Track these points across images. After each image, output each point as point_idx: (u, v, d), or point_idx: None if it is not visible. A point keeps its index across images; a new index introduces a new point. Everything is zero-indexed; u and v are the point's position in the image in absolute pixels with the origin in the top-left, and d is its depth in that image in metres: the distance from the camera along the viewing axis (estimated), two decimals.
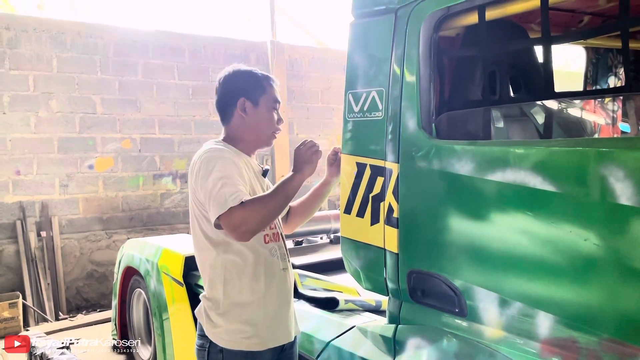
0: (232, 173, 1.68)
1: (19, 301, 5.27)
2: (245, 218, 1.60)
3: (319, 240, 3.94)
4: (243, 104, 1.83)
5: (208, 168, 1.68)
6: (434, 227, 1.60)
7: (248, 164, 1.83)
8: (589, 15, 2.07)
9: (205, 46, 6.91)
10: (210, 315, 1.77)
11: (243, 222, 1.60)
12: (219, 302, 1.75)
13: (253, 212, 1.61)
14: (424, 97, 1.63)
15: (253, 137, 1.87)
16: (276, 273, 1.80)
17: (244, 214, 1.60)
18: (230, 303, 1.74)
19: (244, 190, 1.66)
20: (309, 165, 1.79)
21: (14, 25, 5.77)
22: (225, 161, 1.70)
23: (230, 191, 1.62)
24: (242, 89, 1.84)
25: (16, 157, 5.79)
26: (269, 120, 1.87)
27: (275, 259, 1.81)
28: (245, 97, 1.83)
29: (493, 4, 1.55)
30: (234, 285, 1.74)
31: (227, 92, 1.87)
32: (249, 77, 1.87)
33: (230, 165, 1.70)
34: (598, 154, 1.25)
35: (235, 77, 1.87)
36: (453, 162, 1.51)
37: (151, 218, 6.58)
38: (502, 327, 1.44)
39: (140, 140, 6.49)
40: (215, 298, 1.76)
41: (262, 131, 1.87)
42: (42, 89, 5.90)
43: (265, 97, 1.86)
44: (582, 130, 2.03)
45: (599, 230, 1.24)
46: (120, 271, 4.03)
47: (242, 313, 1.74)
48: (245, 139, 1.86)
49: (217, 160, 1.69)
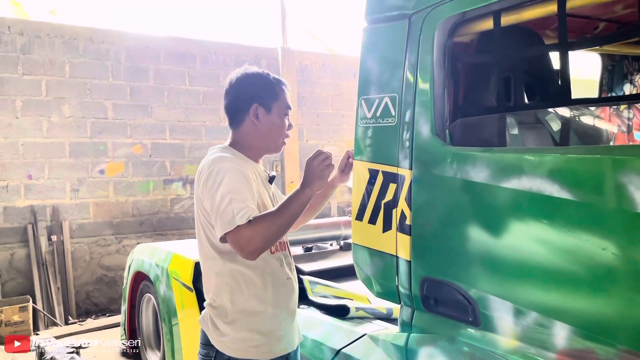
0: (241, 186, 1.64)
1: (29, 305, 5.29)
2: (252, 237, 1.57)
3: (329, 246, 3.93)
4: (256, 110, 1.78)
5: (216, 180, 1.64)
6: (448, 234, 1.59)
7: (255, 171, 1.79)
8: (605, 22, 2.04)
9: (216, 52, 6.94)
10: (217, 324, 1.73)
11: (250, 241, 1.57)
12: (226, 310, 1.72)
13: (260, 231, 1.57)
14: (437, 103, 1.62)
15: (262, 144, 1.83)
16: (283, 282, 1.78)
17: (251, 233, 1.56)
18: (237, 311, 1.71)
19: (252, 206, 1.62)
20: (320, 181, 1.72)
21: (28, 30, 5.83)
22: (234, 173, 1.65)
23: (238, 207, 1.58)
24: (255, 94, 1.79)
25: (28, 162, 5.83)
26: (281, 127, 1.83)
27: (282, 268, 1.79)
28: (258, 103, 1.78)
29: (508, 10, 1.54)
30: (241, 294, 1.71)
31: (239, 96, 1.81)
32: (262, 82, 1.82)
33: (239, 177, 1.66)
34: (614, 162, 1.23)
35: (247, 81, 1.82)
36: (467, 169, 1.50)
37: (161, 223, 6.59)
38: (516, 337, 1.42)
39: (150, 146, 6.52)
40: (222, 306, 1.72)
41: (272, 138, 1.83)
42: (55, 94, 5.95)
43: (278, 104, 1.81)
44: (598, 137, 2.01)
45: (616, 239, 1.21)
46: (130, 276, 4.03)
47: (250, 321, 1.71)
48: (254, 145, 1.82)
49: (226, 172, 1.65)
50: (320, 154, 1.74)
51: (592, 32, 2.11)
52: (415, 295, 1.68)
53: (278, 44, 7.61)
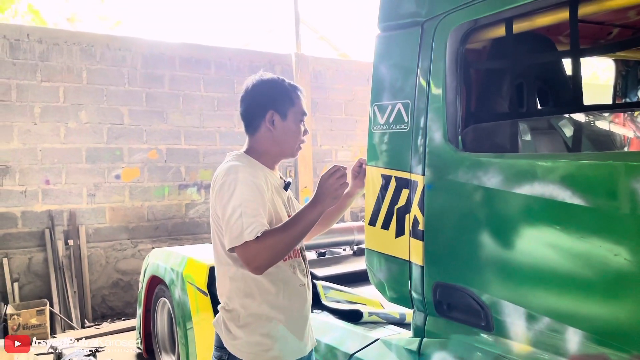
0: (252, 199, 1.65)
1: (47, 308, 5.36)
2: (259, 253, 1.60)
3: (342, 252, 3.94)
4: (272, 117, 1.79)
5: (228, 191, 1.65)
6: (460, 239, 1.59)
7: (269, 179, 1.78)
8: (619, 28, 2.04)
9: (231, 58, 7.00)
10: (230, 327, 1.75)
11: (256, 257, 1.60)
12: (239, 314, 1.73)
13: (267, 248, 1.60)
14: (450, 110, 1.63)
15: (278, 150, 1.84)
16: (296, 289, 1.79)
17: (258, 249, 1.59)
18: (250, 315, 1.72)
19: (261, 220, 1.63)
20: (333, 200, 1.72)
21: (46, 38, 5.92)
22: (246, 185, 1.66)
23: (248, 222, 1.60)
24: (271, 100, 1.80)
25: (46, 167, 5.92)
26: (296, 133, 1.84)
27: (295, 275, 1.79)
28: (274, 109, 1.79)
29: (520, 17, 1.55)
30: (254, 299, 1.72)
31: (254, 102, 1.82)
32: (278, 88, 1.82)
33: (251, 189, 1.66)
34: (628, 168, 1.23)
35: (263, 87, 1.82)
36: (479, 174, 1.51)
37: (176, 228, 6.65)
38: (529, 342, 1.42)
39: (166, 151, 6.58)
40: (235, 310, 1.74)
41: (288, 144, 1.84)
42: (72, 100, 6.04)
43: (294, 110, 1.82)
44: (612, 143, 2.00)
45: (629, 244, 1.21)
46: (145, 280, 4.07)
47: (262, 326, 1.73)
48: (270, 152, 1.83)
49: (238, 183, 1.65)
50: (336, 171, 1.72)
51: (606, 38, 2.10)
52: (428, 300, 1.69)
53: (292, 50, 7.65)
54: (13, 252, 5.74)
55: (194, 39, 7.18)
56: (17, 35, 5.79)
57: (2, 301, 5.55)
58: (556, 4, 1.46)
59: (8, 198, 5.75)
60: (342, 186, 1.72)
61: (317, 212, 1.70)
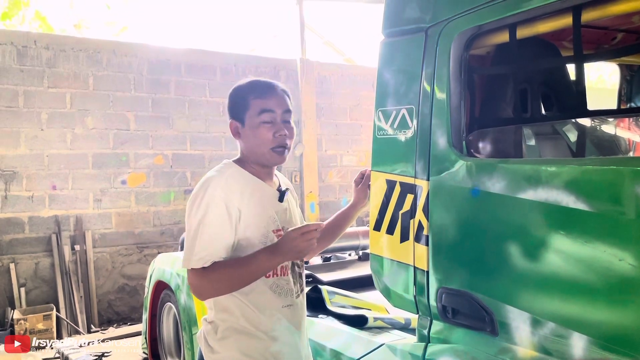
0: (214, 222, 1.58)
1: (53, 313, 5.39)
2: (201, 284, 1.59)
3: (348, 256, 3.94)
4: (234, 127, 1.74)
5: (194, 207, 1.61)
6: (465, 245, 1.60)
7: (252, 190, 1.69)
8: (623, 32, 2.04)
9: (236, 64, 7.03)
10: (209, 340, 1.68)
11: (199, 286, 1.59)
12: (217, 327, 1.67)
13: (210, 281, 1.58)
14: (454, 115, 1.63)
15: (254, 158, 1.74)
16: (276, 310, 1.69)
17: (201, 279, 1.58)
18: (228, 328, 1.66)
19: (214, 249, 1.58)
20: (296, 255, 1.61)
21: (53, 45, 5.97)
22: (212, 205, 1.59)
23: (200, 248, 1.57)
24: (231, 110, 1.75)
25: (53, 173, 5.95)
26: (260, 137, 1.69)
27: (276, 296, 1.69)
28: (233, 118, 1.74)
29: (523, 23, 1.55)
30: (231, 313, 1.66)
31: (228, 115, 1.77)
32: (235, 96, 1.75)
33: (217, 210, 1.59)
34: (632, 173, 1.23)
35: (228, 99, 1.77)
36: (484, 180, 1.51)
37: (182, 233, 6.66)
38: (534, 347, 1.42)
39: (172, 156, 6.61)
40: (214, 323, 1.69)
41: (257, 151, 1.71)
42: (79, 106, 6.08)
43: (249, 113, 1.69)
44: (616, 148, 2.00)
45: (634, 250, 1.21)
46: (151, 285, 4.08)
47: (241, 342, 1.65)
48: (250, 160, 1.75)
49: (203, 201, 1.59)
50: (306, 232, 1.58)
51: (610, 43, 2.11)
52: (433, 305, 1.69)
53: (297, 55, 7.68)
54: (20, 257, 5.78)
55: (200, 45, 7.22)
56: (25, 42, 5.84)
57: (9, 306, 5.58)
58: (559, 10, 1.46)
59: (15, 203, 5.78)
60: (309, 247, 1.59)
61: (274, 263, 1.63)
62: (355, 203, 2.06)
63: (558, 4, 1.41)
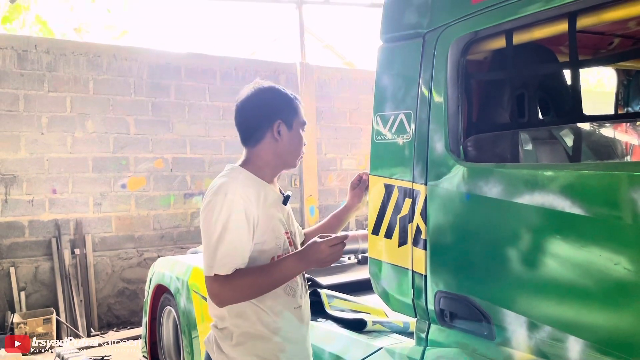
0: (235, 227, 1.58)
1: (53, 317, 5.39)
2: (224, 291, 1.57)
3: (347, 260, 3.94)
4: (278, 127, 1.72)
5: (213, 214, 1.59)
6: (462, 249, 1.61)
7: (266, 195, 1.71)
8: (619, 38, 2.06)
9: (236, 68, 7.05)
10: (222, 347, 1.69)
11: (221, 293, 1.58)
12: (231, 333, 1.67)
13: (234, 288, 1.57)
14: (451, 120, 1.65)
15: (281, 161, 1.76)
16: (290, 310, 1.72)
17: (225, 286, 1.57)
18: (243, 334, 1.66)
19: (238, 256, 1.59)
20: (321, 265, 1.63)
21: (53, 49, 5.99)
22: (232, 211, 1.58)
23: (222, 255, 1.56)
24: (277, 110, 1.73)
25: (53, 176, 5.96)
26: (300, 144, 1.78)
27: (288, 297, 1.72)
28: (281, 119, 1.72)
29: (520, 29, 1.57)
30: (247, 319, 1.66)
31: (258, 113, 1.73)
32: (282, 98, 1.76)
33: (236, 216, 1.58)
34: (628, 178, 1.24)
35: (265, 97, 1.74)
36: (481, 184, 1.52)
37: (181, 236, 6.68)
38: (531, 351, 1.43)
39: (171, 160, 6.63)
40: (227, 329, 1.68)
41: (292, 155, 1.77)
42: (79, 110, 6.10)
43: (298, 120, 1.76)
44: (613, 153, 2.01)
45: (630, 254, 1.22)
46: (151, 289, 4.09)
47: (257, 346, 1.67)
48: (271, 164, 1.75)
49: (224, 208, 1.58)
50: (338, 240, 1.62)
51: (607, 48, 2.12)
52: (431, 309, 1.70)
53: (297, 59, 7.71)
54: (20, 261, 5.78)
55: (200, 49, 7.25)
56: (25, 46, 5.86)
57: (9, 310, 5.58)
58: (555, 16, 1.47)
59: (15, 207, 5.79)
60: (336, 257, 1.63)
61: (299, 270, 1.65)
62: (349, 206, 2.07)
63: (554, 10, 1.43)
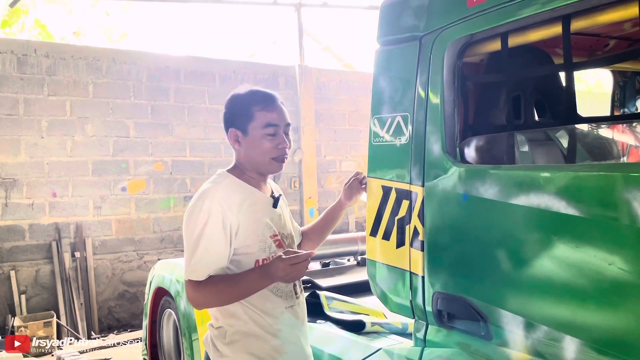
0: (212, 234, 1.63)
1: (53, 320, 5.39)
2: (195, 296, 1.66)
3: (346, 262, 3.95)
4: (234, 135, 1.76)
5: (192, 220, 1.66)
6: (459, 250, 1.62)
7: (252, 199, 1.74)
8: (615, 39, 2.07)
9: (235, 71, 7.06)
10: (217, 345, 1.74)
11: (195, 297, 1.67)
12: (225, 332, 1.72)
13: (203, 295, 1.66)
14: (448, 122, 1.66)
15: (253, 166, 1.78)
16: (280, 310, 1.75)
17: (195, 292, 1.66)
18: (236, 332, 1.71)
19: (211, 263, 1.64)
20: (285, 280, 1.65)
21: (53, 53, 6.01)
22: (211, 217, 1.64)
23: (196, 261, 1.64)
24: (231, 119, 1.78)
25: (53, 180, 5.98)
26: (262, 147, 1.74)
27: (277, 298, 1.74)
28: (234, 127, 1.76)
29: (515, 31, 1.58)
30: (239, 318, 1.71)
31: (224, 122, 1.81)
32: (237, 105, 1.78)
33: (215, 222, 1.63)
34: (624, 179, 1.25)
35: (227, 107, 1.81)
36: (477, 186, 1.53)
37: (181, 239, 6.64)
38: (528, 351, 1.44)
39: (171, 163, 6.64)
40: (221, 327, 1.74)
41: (257, 160, 1.76)
42: (78, 114, 6.11)
43: (254, 125, 1.73)
44: (609, 154, 2.03)
45: (625, 254, 1.23)
46: (151, 292, 4.09)
47: (250, 344, 1.70)
48: (247, 168, 1.79)
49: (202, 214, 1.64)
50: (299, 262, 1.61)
51: (603, 49, 2.13)
52: (428, 309, 1.71)
53: (295, 61, 7.72)
54: (20, 265, 5.79)
55: (199, 52, 7.27)
56: (25, 50, 5.87)
57: (10, 313, 5.59)
58: (550, 19, 1.49)
59: (15, 211, 5.80)
60: (299, 275, 1.63)
61: (263, 284, 1.68)
62: (341, 203, 2.10)
63: (548, 13, 1.44)
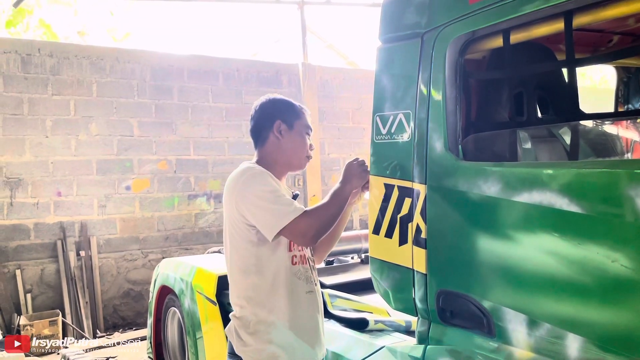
0: (279, 189, 1.78)
1: (59, 319, 5.42)
2: (311, 224, 1.74)
3: (350, 260, 3.95)
4: (279, 126, 1.91)
5: (255, 183, 1.76)
6: (462, 247, 1.61)
7: (282, 190, 1.86)
8: (619, 35, 2.06)
9: (239, 69, 7.06)
10: (240, 334, 1.81)
11: (310, 228, 1.73)
12: (249, 322, 1.80)
13: (317, 219, 1.75)
14: (450, 119, 1.65)
15: (286, 160, 1.94)
16: (301, 295, 1.84)
17: (309, 220, 1.74)
18: (259, 322, 1.79)
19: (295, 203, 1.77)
20: (358, 180, 1.90)
21: (57, 52, 6.02)
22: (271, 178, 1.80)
23: (287, 203, 1.74)
24: (278, 112, 1.94)
25: (57, 179, 6.00)
26: (303, 144, 1.95)
27: (300, 282, 1.84)
28: (281, 119, 1.92)
29: (517, 28, 1.57)
30: (263, 307, 1.79)
31: (263, 116, 1.95)
32: (285, 103, 1.97)
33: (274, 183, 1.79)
34: (627, 175, 1.24)
35: (271, 103, 1.97)
36: (480, 183, 1.53)
37: (186, 238, 6.70)
38: (531, 348, 1.44)
39: (175, 162, 6.65)
40: (245, 317, 1.81)
41: (295, 154, 1.94)
42: (83, 113, 6.13)
43: (299, 122, 1.95)
44: (612, 151, 2.02)
45: (629, 251, 1.23)
46: (156, 290, 4.11)
47: (270, 332, 1.78)
48: (278, 162, 1.93)
49: (264, 176, 1.79)
50: (359, 159, 1.95)
51: (606, 45, 2.12)
52: (431, 307, 1.71)
53: (299, 59, 7.71)
54: (26, 264, 5.82)
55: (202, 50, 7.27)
56: (29, 50, 5.89)
57: (16, 312, 5.61)
58: (552, 15, 1.48)
59: (21, 210, 5.83)
60: (366, 171, 1.91)
61: (347, 190, 1.88)
62: (350, 202, 2.11)
63: (550, 9, 1.43)
